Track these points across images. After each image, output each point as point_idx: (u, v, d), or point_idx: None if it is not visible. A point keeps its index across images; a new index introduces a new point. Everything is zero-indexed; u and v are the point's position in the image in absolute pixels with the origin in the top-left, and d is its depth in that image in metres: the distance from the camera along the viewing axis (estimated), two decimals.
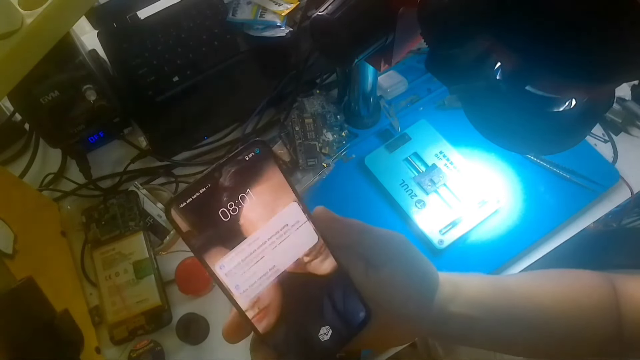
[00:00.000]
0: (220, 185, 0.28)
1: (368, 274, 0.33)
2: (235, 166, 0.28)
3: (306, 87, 0.72)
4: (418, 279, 0.34)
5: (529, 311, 0.38)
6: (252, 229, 0.29)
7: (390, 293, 0.33)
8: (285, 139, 0.68)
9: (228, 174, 0.28)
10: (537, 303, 0.39)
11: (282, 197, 0.30)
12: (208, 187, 0.28)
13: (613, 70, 0.24)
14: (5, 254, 0.51)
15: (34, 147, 0.73)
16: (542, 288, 0.40)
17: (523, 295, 0.39)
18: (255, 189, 0.29)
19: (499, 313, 0.37)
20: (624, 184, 0.65)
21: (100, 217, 0.65)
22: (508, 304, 0.38)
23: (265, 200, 0.29)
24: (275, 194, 0.30)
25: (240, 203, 0.29)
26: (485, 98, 0.33)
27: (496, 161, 0.67)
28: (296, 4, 0.72)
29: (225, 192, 0.28)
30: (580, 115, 0.32)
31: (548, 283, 0.41)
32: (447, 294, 0.36)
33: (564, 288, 0.40)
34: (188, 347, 0.59)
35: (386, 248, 0.34)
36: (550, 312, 0.38)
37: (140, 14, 0.77)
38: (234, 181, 0.28)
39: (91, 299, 0.63)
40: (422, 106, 0.72)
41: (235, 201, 0.28)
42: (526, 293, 0.39)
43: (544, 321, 0.38)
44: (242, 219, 0.29)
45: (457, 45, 0.28)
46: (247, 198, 0.29)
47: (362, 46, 0.43)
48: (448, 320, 0.35)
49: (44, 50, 0.51)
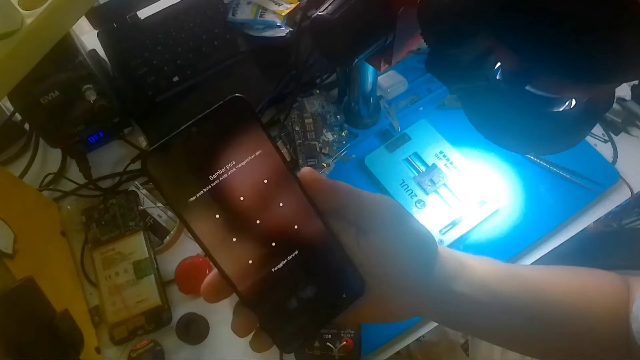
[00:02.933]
0: (199, 141, 0.27)
1: (358, 241, 0.31)
2: (213, 122, 0.28)
3: (306, 87, 0.72)
4: (413, 246, 0.32)
5: (536, 302, 0.36)
6: (232, 184, 0.28)
7: (383, 262, 0.31)
8: (285, 139, 0.69)
9: (206, 130, 0.28)
10: (547, 296, 0.37)
11: (264, 153, 0.29)
12: (186, 142, 0.27)
13: (613, 70, 0.24)
14: (5, 254, 0.51)
15: (34, 147, 0.73)
16: (556, 281, 0.38)
17: (534, 285, 0.37)
18: (234, 144, 0.28)
19: (504, 299, 0.35)
20: (624, 184, 0.65)
21: (100, 217, 0.65)
22: (515, 291, 0.36)
23: (244, 156, 0.28)
24: (255, 150, 0.28)
25: (220, 159, 0.28)
26: (485, 98, 0.33)
27: (496, 161, 0.67)
28: (296, 4, 0.72)
29: (204, 148, 0.27)
30: (580, 115, 0.32)
31: (563, 278, 0.39)
32: (451, 270, 0.34)
33: (578, 285, 0.38)
34: (188, 347, 0.59)
35: (375, 211, 0.31)
36: (559, 307, 0.37)
37: (140, 14, 0.77)
38: (212, 137, 0.28)
39: (91, 299, 0.63)
40: (422, 106, 0.72)
41: (214, 157, 0.28)
42: (538, 284, 0.37)
43: (550, 315, 0.36)
44: (221, 174, 0.28)
45: (457, 45, 0.28)
46: (226, 154, 0.28)
47: (362, 46, 0.43)
48: (449, 298, 0.33)
49: (44, 50, 0.51)
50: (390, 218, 0.32)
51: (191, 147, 0.27)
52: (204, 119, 0.27)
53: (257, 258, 0.29)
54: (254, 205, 0.28)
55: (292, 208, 0.30)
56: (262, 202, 0.29)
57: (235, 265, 0.29)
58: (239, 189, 0.28)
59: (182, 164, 0.27)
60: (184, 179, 0.27)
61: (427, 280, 0.33)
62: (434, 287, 0.33)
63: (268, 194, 0.29)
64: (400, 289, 0.32)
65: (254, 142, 0.28)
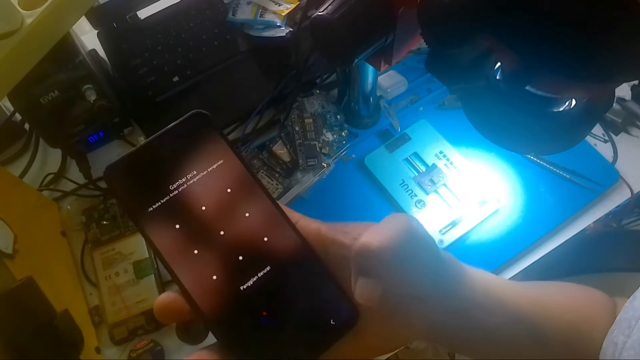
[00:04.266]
0: (159, 153, 0.27)
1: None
2: (175, 136, 0.28)
3: (306, 87, 0.72)
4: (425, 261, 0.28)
5: (538, 316, 0.34)
6: (192, 194, 0.27)
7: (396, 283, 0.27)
8: (285, 139, 0.69)
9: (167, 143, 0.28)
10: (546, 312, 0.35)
11: (226, 162, 0.28)
12: (147, 155, 0.27)
13: (613, 70, 0.24)
14: (5, 254, 0.51)
15: (34, 147, 0.73)
16: (551, 297, 0.37)
17: (534, 298, 0.35)
18: (195, 155, 0.28)
19: (509, 309, 0.33)
20: (624, 184, 0.65)
21: (100, 217, 0.65)
22: (518, 302, 0.33)
23: (205, 166, 0.28)
24: (217, 159, 0.28)
25: (180, 169, 0.27)
26: (485, 98, 0.33)
27: (496, 161, 0.67)
28: (296, 4, 0.72)
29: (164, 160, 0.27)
30: (580, 115, 0.32)
31: (557, 295, 0.38)
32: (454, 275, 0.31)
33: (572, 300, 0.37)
34: (188, 347, 0.58)
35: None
36: (559, 324, 0.35)
37: (140, 14, 0.77)
38: (173, 149, 0.28)
39: (91, 299, 0.63)
40: (422, 106, 0.72)
41: (174, 167, 0.27)
42: (538, 297, 0.36)
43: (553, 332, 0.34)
44: (181, 184, 0.27)
45: (457, 45, 0.28)
46: (187, 164, 0.27)
47: (362, 46, 0.43)
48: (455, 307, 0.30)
49: (44, 50, 0.51)
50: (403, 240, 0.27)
51: (152, 159, 0.27)
52: (166, 133, 0.28)
53: (222, 273, 0.26)
54: (217, 215, 0.27)
55: (260, 218, 0.27)
56: (226, 212, 0.27)
57: (197, 280, 0.26)
58: (200, 198, 0.27)
59: (142, 175, 0.27)
60: (144, 190, 0.27)
61: (432, 291, 0.29)
62: (438, 298, 0.29)
63: (232, 203, 0.27)
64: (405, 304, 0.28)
65: (216, 153, 0.28)
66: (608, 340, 0.34)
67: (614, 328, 0.35)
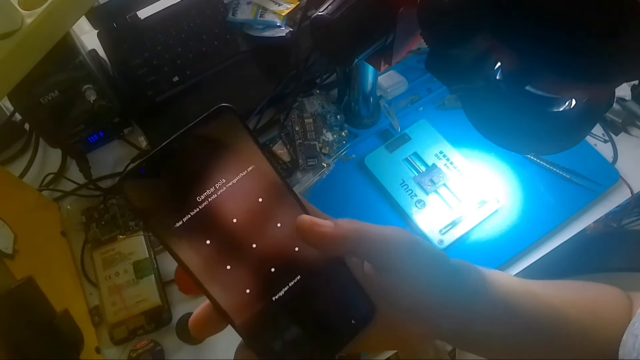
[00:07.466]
0: (183, 159, 0.24)
1: (373, 276, 0.29)
2: (199, 137, 0.24)
3: (306, 87, 0.72)
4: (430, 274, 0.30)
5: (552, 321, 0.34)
6: (223, 205, 0.25)
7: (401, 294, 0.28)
8: (285, 139, 0.69)
9: (191, 146, 0.24)
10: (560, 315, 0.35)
11: (257, 168, 0.26)
12: (168, 161, 0.24)
13: (613, 70, 0.24)
14: (5, 254, 0.51)
15: (34, 147, 0.73)
16: (565, 298, 0.37)
17: (548, 302, 0.35)
18: (224, 160, 0.25)
19: (524, 319, 0.33)
20: (624, 184, 0.65)
21: (100, 217, 0.65)
22: (532, 310, 0.34)
23: (235, 173, 0.25)
24: (247, 165, 0.25)
25: (208, 177, 0.25)
26: (485, 98, 0.33)
27: (496, 161, 0.67)
28: (296, 4, 0.72)
29: (189, 167, 0.24)
30: (580, 115, 0.32)
31: (572, 294, 0.37)
32: (472, 287, 0.31)
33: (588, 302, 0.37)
34: (188, 347, 0.59)
35: (387, 249, 0.29)
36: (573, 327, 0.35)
37: (140, 14, 0.77)
38: (198, 153, 0.25)
39: (91, 299, 0.63)
40: (422, 106, 0.72)
41: (201, 176, 0.25)
42: (551, 300, 0.35)
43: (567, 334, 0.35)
44: (209, 194, 0.25)
45: (457, 45, 0.28)
46: (215, 171, 0.25)
47: (362, 46, 0.43)
48: (466, 319, 0.31)
49: (44, 50, 0.51)
50: (404, 253, 0.29)
51: (174, 166, 0.24)
52: (188, 134, 0.24)
53: (255, 286, 0.26)
54: (249, 227, 0.26)
55: (292, 228, 0.26)
56: (258, 224, 0.26)
57: (231, 297, 0.25)
58: (231, 210, 0.25)
59: (165, 186, 0.24)
60: (168, 203, 0.24)
61: (444, 302, 0.30)
62: (451, 309, 0.30)
63: (264, 214, 0.26)
64: (416, 315, 0.30)
65: (246, 157, 0.25)
66: (628, 332, 0.35)
67: (635, 321, 0.35)
